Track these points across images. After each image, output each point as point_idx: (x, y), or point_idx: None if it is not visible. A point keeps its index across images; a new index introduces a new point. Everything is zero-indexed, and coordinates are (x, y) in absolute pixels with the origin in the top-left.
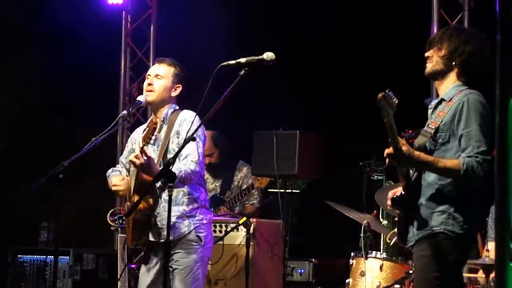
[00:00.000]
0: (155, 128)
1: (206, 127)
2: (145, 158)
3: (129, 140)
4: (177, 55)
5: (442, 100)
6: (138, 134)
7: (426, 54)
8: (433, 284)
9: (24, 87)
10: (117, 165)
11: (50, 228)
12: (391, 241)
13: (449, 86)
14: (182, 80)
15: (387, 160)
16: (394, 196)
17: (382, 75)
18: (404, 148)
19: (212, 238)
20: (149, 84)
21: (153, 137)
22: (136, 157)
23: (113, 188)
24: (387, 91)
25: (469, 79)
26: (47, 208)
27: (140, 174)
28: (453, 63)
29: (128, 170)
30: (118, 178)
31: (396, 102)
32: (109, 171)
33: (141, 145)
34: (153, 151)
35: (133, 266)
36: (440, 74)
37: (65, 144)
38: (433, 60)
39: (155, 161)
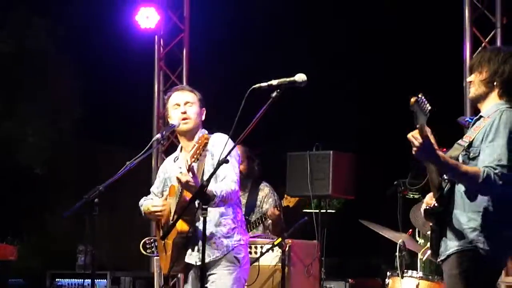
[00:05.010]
0: (206, 144)
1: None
2: (191, 175)
3: (159, 169)
4: (210, 77)
5: (481, 117)
6: (169, 163)
7: (468, 80)
8: None
9: (59, 112)
10: (148, 195)
11: (87, 251)
12: (423, 256)
13: (490, 105)
14: (204, 104)
15: (413, 149)
16: (427, 207)
17: (415, 93)
18: (433, 140)
19: (249, 259)
20: (183, 113)
21: (204, 153)
22: (183, 174)
23: (152, 209)
24: (419, 96)
25: (510, 97)
26: (83, 232)
27: (183, 197)
28: (494, 84)
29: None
30: (157, 201)
31: (429, 108)
32: (142, 200)
33: (189, 162)
34: None
35: None
36: (482, 97)
37: (100, 168)
38: (475, 84)
39: None
